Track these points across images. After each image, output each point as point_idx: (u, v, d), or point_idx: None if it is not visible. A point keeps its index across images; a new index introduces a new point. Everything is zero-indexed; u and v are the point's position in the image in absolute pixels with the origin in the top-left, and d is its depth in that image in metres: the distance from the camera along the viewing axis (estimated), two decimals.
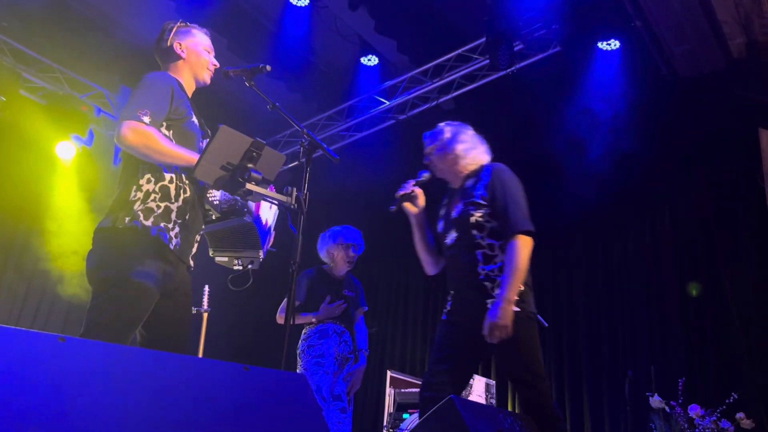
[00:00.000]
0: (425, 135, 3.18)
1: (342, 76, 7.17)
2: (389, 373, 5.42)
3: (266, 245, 2.55)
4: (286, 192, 2.40)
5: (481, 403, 5.19)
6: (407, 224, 3.13)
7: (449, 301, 3.03)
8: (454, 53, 6.55)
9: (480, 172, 3.00)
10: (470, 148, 3.05)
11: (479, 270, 2.82)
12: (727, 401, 4.90)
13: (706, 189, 6.14)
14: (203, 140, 2.49)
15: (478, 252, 2.82)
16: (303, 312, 4.23)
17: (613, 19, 5.69)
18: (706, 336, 5.77)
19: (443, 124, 3.16)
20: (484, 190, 2.88)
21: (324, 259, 4.46)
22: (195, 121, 2.48)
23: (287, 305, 2.30)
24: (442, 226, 3.07)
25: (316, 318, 4.19)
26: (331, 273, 4.41)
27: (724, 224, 5.94)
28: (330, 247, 4.41)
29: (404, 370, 5.91)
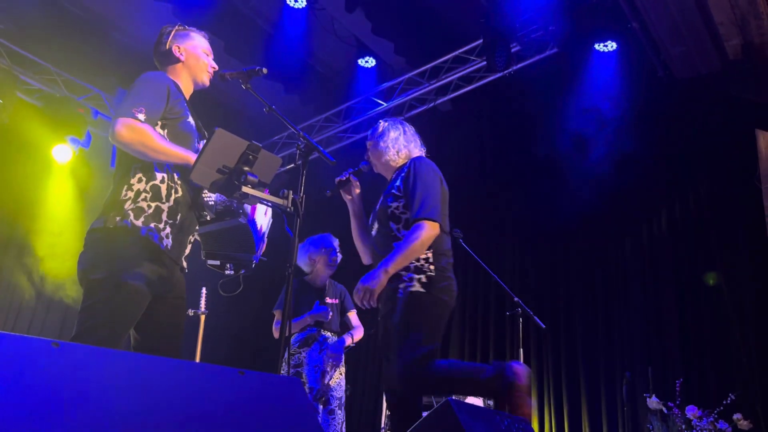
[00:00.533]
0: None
1: (339, 78, 7.18)
2: None
3: (259, 251, 2.53)
4: (282, 195, 2.39)
5: (478, 405, 5.19)
6: None
7: None
8: (451, 55, 6.56)
9: (405, 165, 2.98)
10: (399, 143, 3.03)
11: None
12: (724, 402, 4.91)
13: (703, 190, 6.15)
14: (199, 141, 2.48)
15: (395, 244, 2.79)
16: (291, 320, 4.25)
17: (609, 20, 5.70)
18: (703, 337, 5.78)
19: (381, 120, 3.16)
20: (401, 182, 2.86)
21: (305, 268, 4.48)
22: (191, 121, 2.48)
23: (284, 307, 2.29)
24: (370, 219, 3.08)
25: (311, 317, 4.22)
26: (313, 283, 4.45)
27: (721, 225, 5.95)
28: (312, 253, 4.44)
29: None
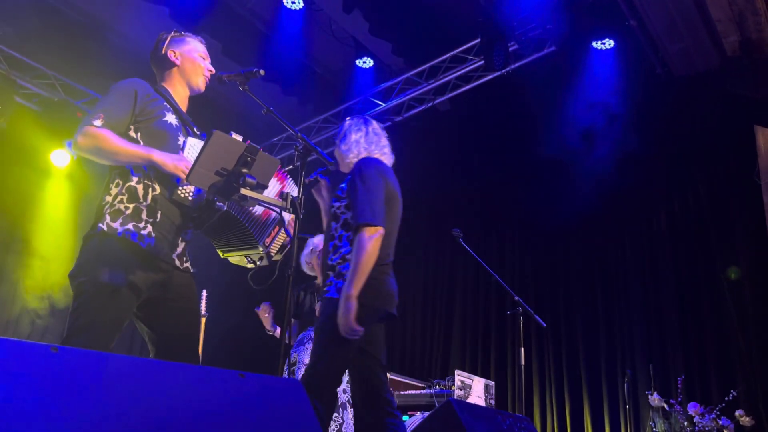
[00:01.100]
0: None
1: (337, 79, 7.18)
2: (388, 376, 5.41)
3: (267, 238, 2.47)
4: (282, 196, 2.39)
5: (480, 405, 5.19)
6: (405, 226, 3.12)
7: None
8: (449, 54, 6.56)
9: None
10: (360, 146, 2.98)
11: (328, 260, 2.77)
12: (726, 399, 4.90)
13: (703, 187, 6.15)
14: (184, 138, 2.45)
15: (330, 243, 2.77)
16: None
17: (607, 18, 5.70)
18: (704, 334, 5.78)
19: (347, 119, 3.13)
20: (345, 184, 2.84)
21: (307, 271, 4.49)
22: (168, 120, 2.45)
23: (284, 310, 2.29)
24: None
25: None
26: (318, 283, 4.46)
27: (721, 222, 5.95)
28: (305, 256, 4.45)
29: (403, 373, 5.90)
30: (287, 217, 2.55)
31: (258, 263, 2.54)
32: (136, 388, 1.28)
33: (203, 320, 4.44)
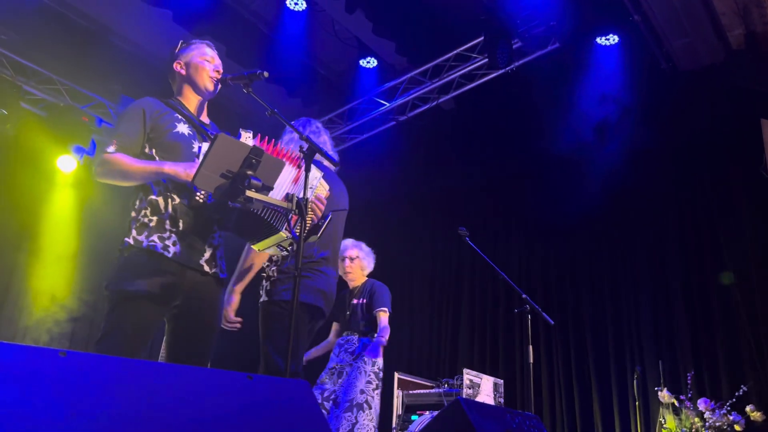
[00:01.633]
0: None
1: (341, 79, 7.19)
2: (397, 375, 5.42)
3: (289, 223, 2.45)
4: (287, 197, 2.39)
5: (489, 403, 5.18)
6: (411, 225, 3.13)
7: None
8: (452, 53, 6.55)
9: None
10: (291, 142, 3.05)
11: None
12: (736, 394, 4.88)
13: (710, 181, 6.13)
14: (199, 144, 2.48)
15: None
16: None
17: (611, 14, 5.69)
18: (713, 329, 5.75)
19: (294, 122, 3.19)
20: None
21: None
22: (181, 130, 2.51)
23: (290, 311, 2.28)
24: None
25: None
26: (349, 287, 4.47)
27: (728, 216, 5.92)
28: None
29: (412, 372, 5.90)
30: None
31: (289, 249, 2.55)
32: (144, 391, 1.28)
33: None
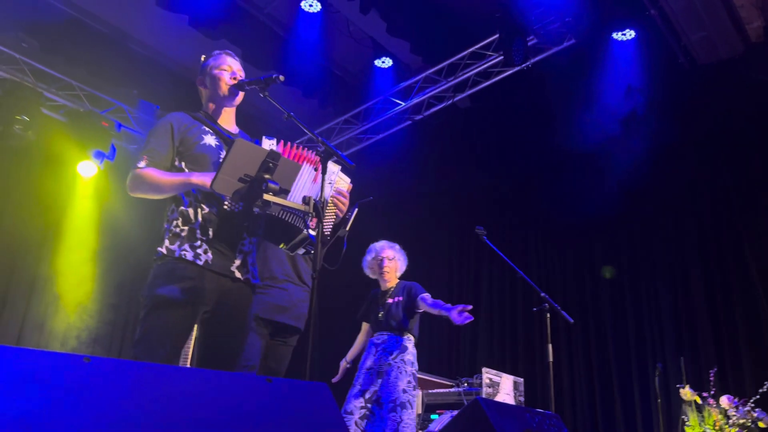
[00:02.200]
0: None
1: (357, 80, 7.20)
2: (416, 375, 5.41)
3: (311, 223, 2.48)
4: (304, 200, 2.41)
5: (509, 402, 5.17)
6: (429, 225, 3.13)
7: None
8: (467, 51, 6.54)
9: None
10: None
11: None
12: (760, 390, 4.82)
13: (730, 176, 6.05)
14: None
15: None
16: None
17: (627, 8, 5.64)
18: (735, 326, 5.69)
19: None
20: None
21: (370, 275, 4.51)
22: (208, 142, 2.57)
23: (309, 314, 2.30)
24: None
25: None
26: (382, 288, 4.47)
27: (749, 210, 5.85)
28: (368, 261, 4.47)
29: (431, 371, 5.89)
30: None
31: (310, 250, 2.59)
32: (166, 395, 1.30)
33: None
